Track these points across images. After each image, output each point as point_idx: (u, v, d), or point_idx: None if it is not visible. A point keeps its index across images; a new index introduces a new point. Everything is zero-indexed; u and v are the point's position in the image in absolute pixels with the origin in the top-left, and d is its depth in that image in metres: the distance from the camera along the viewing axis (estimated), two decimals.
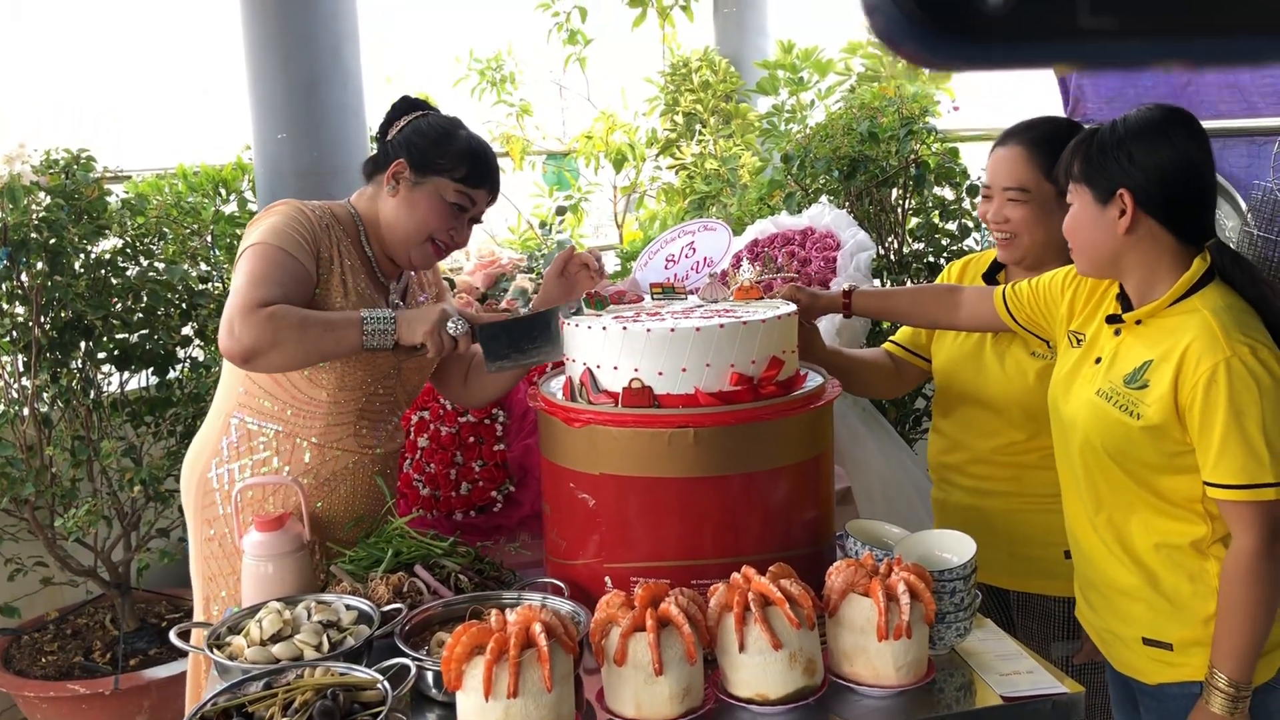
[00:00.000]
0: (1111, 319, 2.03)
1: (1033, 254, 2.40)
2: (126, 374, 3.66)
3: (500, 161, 5.44)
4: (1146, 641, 2.01)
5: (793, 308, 2.12)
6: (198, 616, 2.40)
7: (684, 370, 1.95)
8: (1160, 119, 1.93)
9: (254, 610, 1.91)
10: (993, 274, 2.54)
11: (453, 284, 3.61)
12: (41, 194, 3.32)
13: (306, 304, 2.19)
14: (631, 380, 1.97)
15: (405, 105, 2.39)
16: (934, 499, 2.66)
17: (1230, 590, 1.86)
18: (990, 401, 2.43)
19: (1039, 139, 2.34)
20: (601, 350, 2.01)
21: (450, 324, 2.12)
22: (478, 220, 2.39)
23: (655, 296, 2.32)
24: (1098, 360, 2.04)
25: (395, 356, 2.27)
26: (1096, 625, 2.14)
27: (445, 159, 2.27)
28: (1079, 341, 2.12)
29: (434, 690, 1.79)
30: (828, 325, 2.95)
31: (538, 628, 1.60)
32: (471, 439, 2.72)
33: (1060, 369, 2.15)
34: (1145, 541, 1.98)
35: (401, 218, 2.29)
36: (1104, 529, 2.04)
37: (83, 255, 3.45)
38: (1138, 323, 1.97)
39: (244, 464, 2.29)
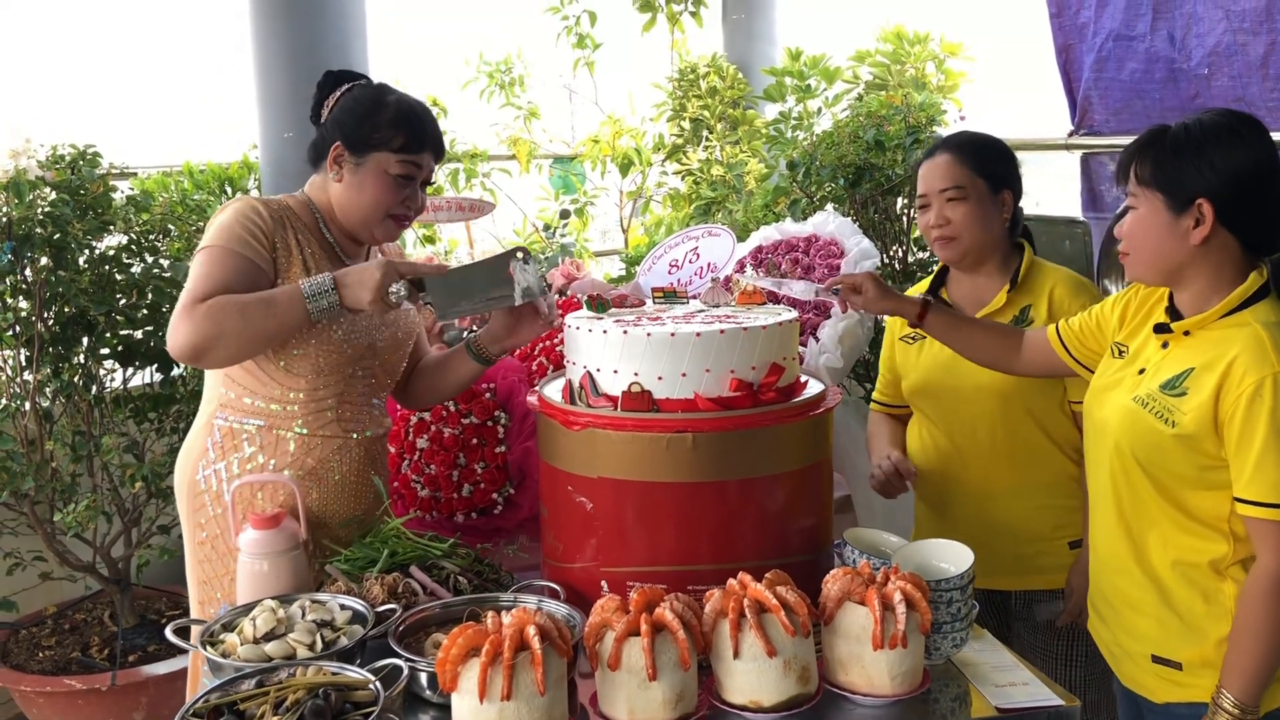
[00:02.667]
0: (1159, 329, 1.98)
1: (974, 251, 2.47)
2: (130, 370, 3.66)
3: (507, 164, 5.49)
4: (1156, 659, 1.99)
5: (794, 314, 2.11)
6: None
7: (684, 375, 1.95)
8: (1236, 123, 1.88)
9: (248, 608, 1.90)
10: (935, 289, 2.58)
11: None
12: (47, 189, 3.32)
13: (268, 287, 2.18)
14: (631, 384, 1.97)
15: (331, 81, 2.35)
16: (933, 510, 2.64)
17: (1248, 611, 1.83)
18: (970, 390, 2.45)
19: (961, 144, 2.48)
20: (602, 353, 2.01)
21: (392, 290, 2.10)
22: (428, 182, 2.36)
23: (657, 300, 2.31)
24: (1141, 371, 2.00)
25: (361, 334, 2.27)
26: (1106, 639, 2.12)
27: (379, 132, 2.24)
28: (1121, 353, 2.08)
29: (428, 691, 1.78)
30: (829, 333, 2.95)
31: (532, 631, 1.59)
32: (474, 441, 2.72)
33: (1100, 377, 2.12)
34: (1163, 557, 1.96)
35: (353, 201, 2.28)
36: (1123, 540, 2.01)
37: (87, 251, 3.45)
38: (1185, 333, 1.93)
39: (230, 462, 2.28)
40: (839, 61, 4.64)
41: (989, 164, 2.46)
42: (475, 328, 2.86)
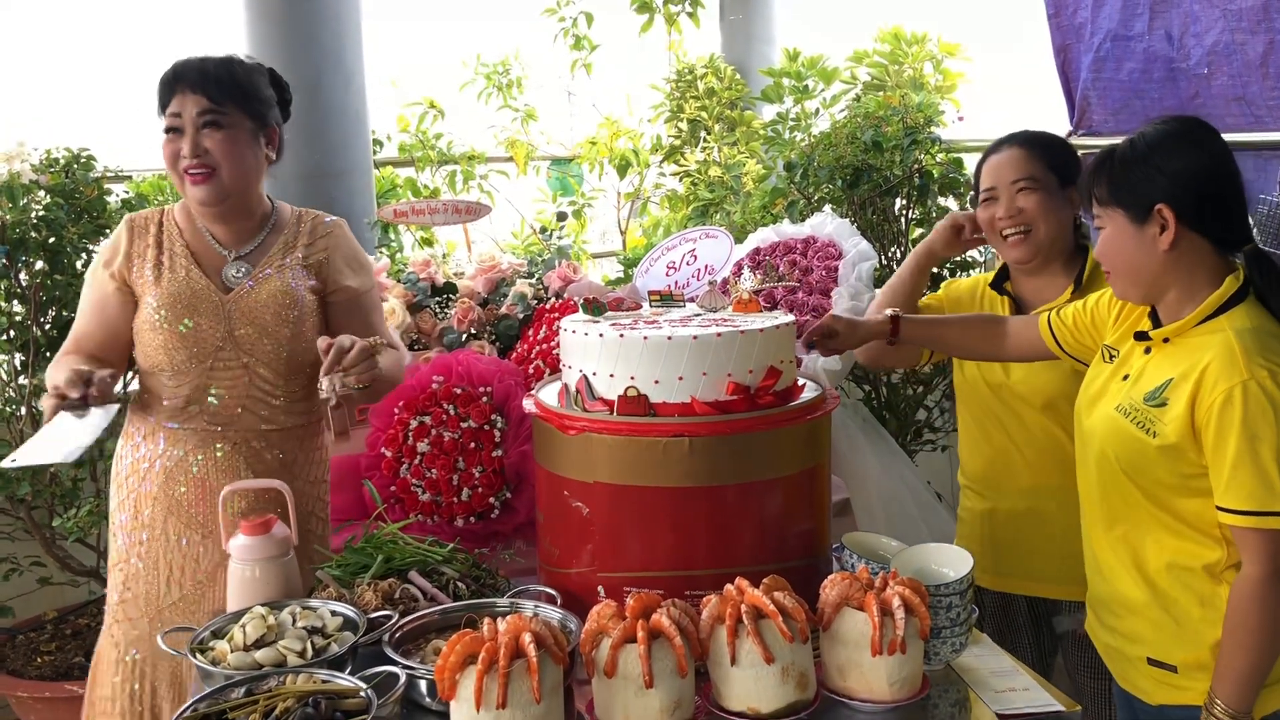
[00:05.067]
0: (1139, 336, 1.99)
1: (1045, 248, 2.42)
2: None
3: (505, 166, 5.48)
4: (1151, 662, 1.98)
5: (791, 318, 2.10)
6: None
7: (680, 379, 1.93)
8: (1179, 128, 1.90)
9: (238, 615, 1.89)
10: (1000, 281, 2.54)
11: (454, 288, 3.59)
12: (41, 193, 3.31)
13: (124, 309, 2.33)
14: (627, 388, 1.95)
15: None
16: (977, 511, 2.60)
17: (1235, 616, 1.83)
18: (1024, 389, 2.43)
19: (1031, 139, 2.44)
20: (598, 357, 1.99)
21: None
22: (215, 124, 2.26)
23: (653, 304, 2.30)
24: (1125, 377, 2.00)
25: (210, 328, 2.31)
26: (1104, 641, 2.12)
27: (158, 103, 2.31)
28: (1111, 357, 2.08)
29: (428, 699, 1.77)
30: None
31: (527, 638, 1.58)
32: (472, 445, 2.70)
33: (1089, 382, 2.12)
34: (1158, 560, 1.95)
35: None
36: (1118, 544, 2.01)
37: (83, 255, 3.44)
38: (1165, 340, 1.93)
39: (122, 454, 2.40)
40: (837, 62, 4.63)
41: (1059, 159, 2.43)
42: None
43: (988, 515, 2.56)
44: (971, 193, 3.73)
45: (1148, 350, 1.98)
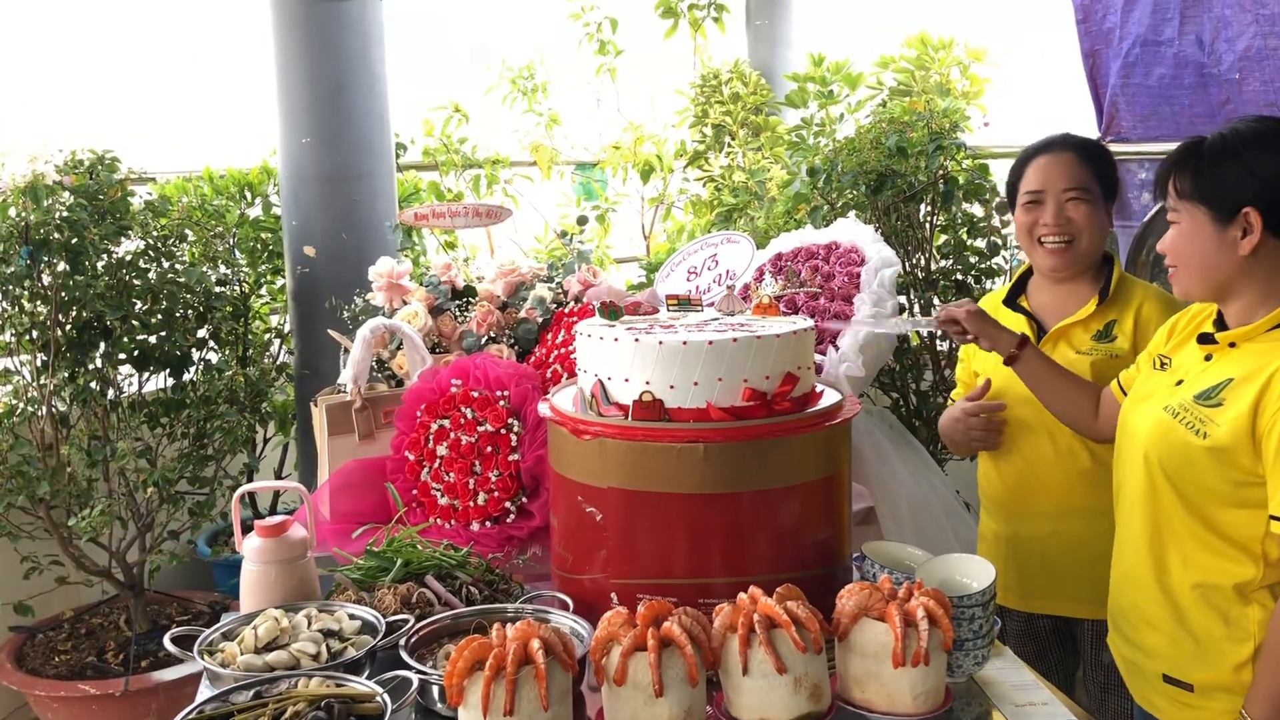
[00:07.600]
0: (1204, 339, 1.93)
1: (1083, 259, 2.38)
2: (146, 375, 3.66)
3: (529, 171, 5.48)
4: (1167, 679, 1.94)
5: (810, 324, 2.07)
6: None
7: (695, 384, 1.91)
8: (1275, 127, 1.83)
9: (250, 617, 1.87)
10: (1014, 296, 2.51)
11: (474, 292, 3.58)
12: (64, 193, 3.33)
13: None
14: (642, 393, 1.93)
15: None
16: (1002, 535, 2.55)
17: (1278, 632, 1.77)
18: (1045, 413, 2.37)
19: (1083, 146, 2.38)
20: (613, 362, 1.97)
21: None
22: None
23: (671, 308, 2.28)
24: (1179, 382, 1.95)
25: None
26: (1123, 654, 2.08)
27: None
28: (1163, 365, 2.03)
29: (440, 705, 1.75)
30: (850, 341, 2.90)
31: (536, 645, 1.56)
32: (489, 448, 2.69)
33: (1138, 385, 2.08)
34: (1183, 577, 1.91)
35: None
36: (1145, 555, 1.96)
37: (104, 256, 3.46)
38: (1231, 345, 1.88)
39: None
40: (862, 67, 4.60)
41: (1106, 170, 2.39)
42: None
43: (1010, 539, 2.52)
44: (999, 198, 3.70)
45: (1208, 358, 1.92)
